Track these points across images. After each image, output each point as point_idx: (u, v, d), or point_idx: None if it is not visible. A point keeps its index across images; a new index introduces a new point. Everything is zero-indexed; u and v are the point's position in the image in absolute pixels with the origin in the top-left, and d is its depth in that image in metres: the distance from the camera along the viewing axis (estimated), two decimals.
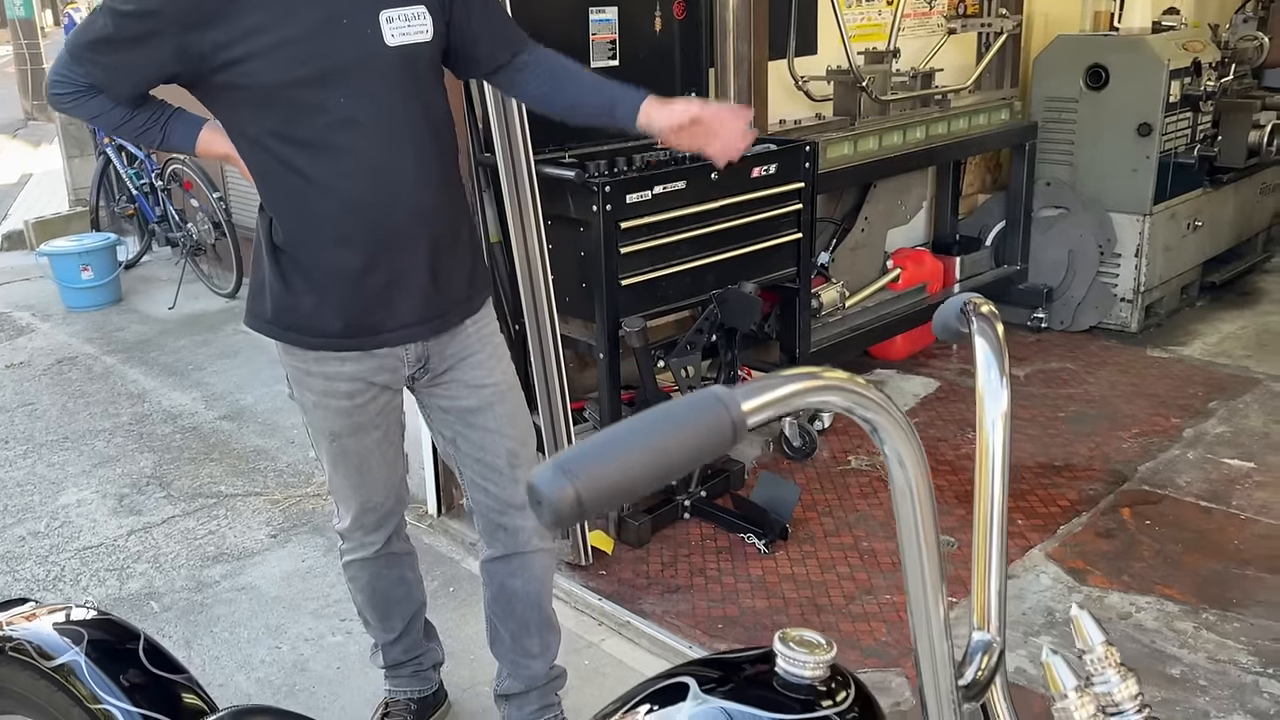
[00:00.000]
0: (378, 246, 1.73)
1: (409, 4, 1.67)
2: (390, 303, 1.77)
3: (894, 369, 4.29)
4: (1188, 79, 4.37)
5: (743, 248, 3.19)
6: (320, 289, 1.76)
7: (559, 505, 0.55)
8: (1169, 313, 4.75)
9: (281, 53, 1.60)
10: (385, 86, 1.66)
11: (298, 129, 1.65)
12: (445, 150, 1.79)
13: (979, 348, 0.91)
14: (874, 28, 4.32)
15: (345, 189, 1.68)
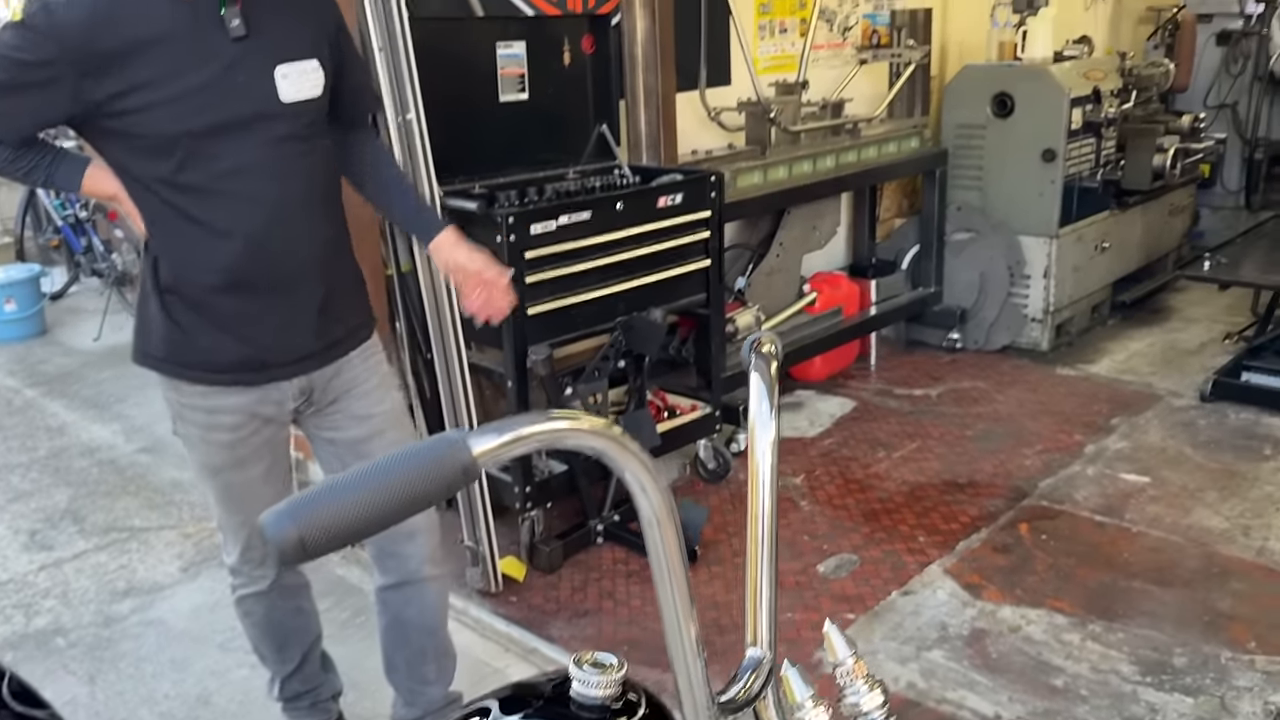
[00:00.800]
0: (269, 288, 1.79)
1: (303, 59, 1.74)
2: (281, 339, 1.83)
3: (813, 389, 4.39)
4: (1089, 106, 4.54)
5: (651, 275, 3.25)
6: (210, 328, 1.80)
7: (282, 546, 0.60)
8: (1080, 332, 4.90)
9: (178, 105, 1.65)
10: (278, 138, 1.73)
11: (191, 175, 1.70)
12: (333, 194, 1.89)
13: (753, 382, 0.99)
14: (787, 59, 4.43)
15: (238, 234, 1.74)
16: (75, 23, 1.61)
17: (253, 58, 1.68)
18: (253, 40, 1.67)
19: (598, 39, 3.51)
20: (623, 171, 3.45)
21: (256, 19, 1.68)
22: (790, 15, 4.45)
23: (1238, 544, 3.01)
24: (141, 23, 1.63)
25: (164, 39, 1.63)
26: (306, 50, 1.75)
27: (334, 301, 1.88)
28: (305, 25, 1.76)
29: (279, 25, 1.72)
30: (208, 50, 1.65)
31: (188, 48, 1.64)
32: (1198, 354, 4.60)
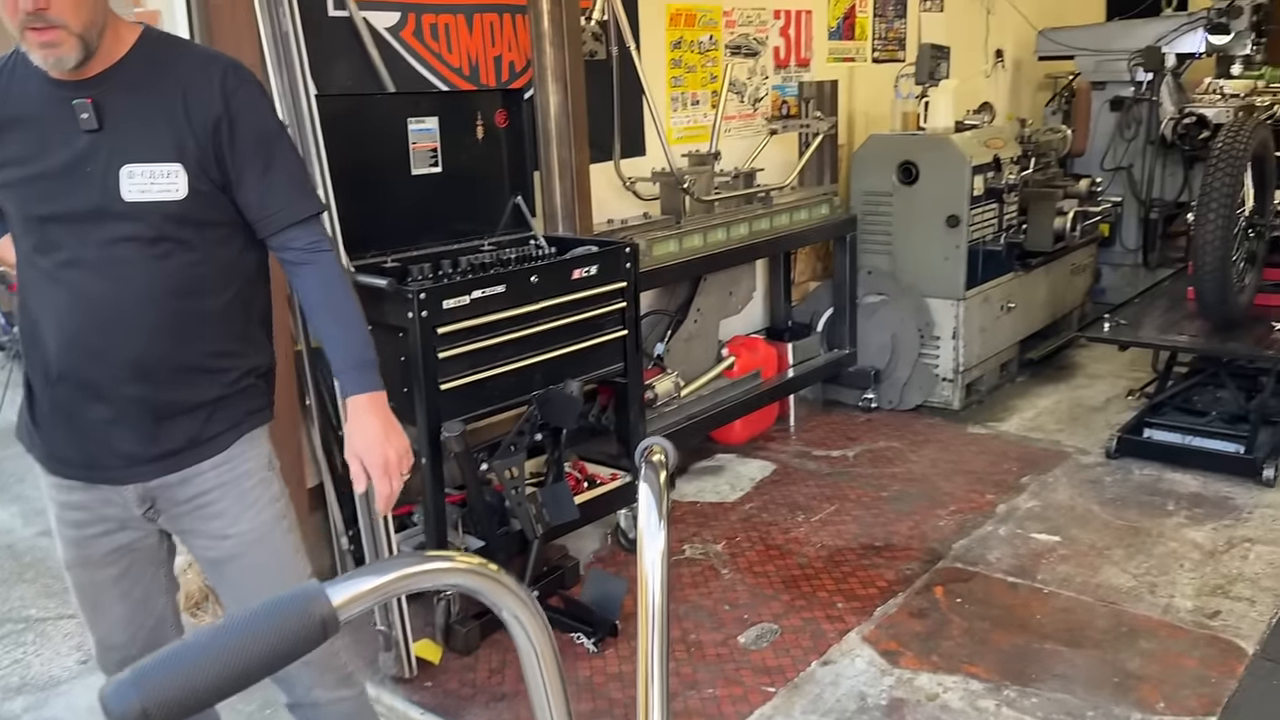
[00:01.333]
0: (90, 388, 1.73)
1: (160, 161, 1.66)
2: (108, 440, 1.76)
3: (734, 453, 4.41)
4: (990, 173, 4.71)
5: (567, 347, 3.25)
6: (48, 416, 1.78)
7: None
8: (989, 390, 5.03)
9: (30, 187, 1.67)
10: (118, 238, 1.66)
11: (39, 259, 1.70)
12: (195, 298, 1.74)
13: (642, 492, 0.98)
14: (699, 129, 4.52)
15: (62, 327, 1.70)
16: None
17: (101, 153, 1.64)
18: (105, 135, 1.64)
19: (511, 112, 3.53)
20: (538, 242, 3.45)
21: (112, 113, 1.65)
22: (702, 88, 4.55)
23: (1145, 602, 3.09)
24: (21, 100, 1.67)
25: (30, 121, 1.66)
26: (164, 153, 1.66)
27: (173, 408, 1.76)
28: (169, 126, 1.66)
29: (135, 123, 1.66)
30: (61, 139, 1.64)
31: (46, 133, 1.65)
32: (1103, 410, 4.74)
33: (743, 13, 4.72)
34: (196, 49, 1.81)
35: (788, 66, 5.04)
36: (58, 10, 1.53)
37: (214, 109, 1.68)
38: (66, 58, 1.57)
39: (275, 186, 1.75)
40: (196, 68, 1.70)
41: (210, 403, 1.81)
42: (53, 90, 1.64)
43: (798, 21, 5.06)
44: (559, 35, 3.54)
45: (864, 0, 5.51)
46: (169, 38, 1.77)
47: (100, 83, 1.65)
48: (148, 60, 1.69)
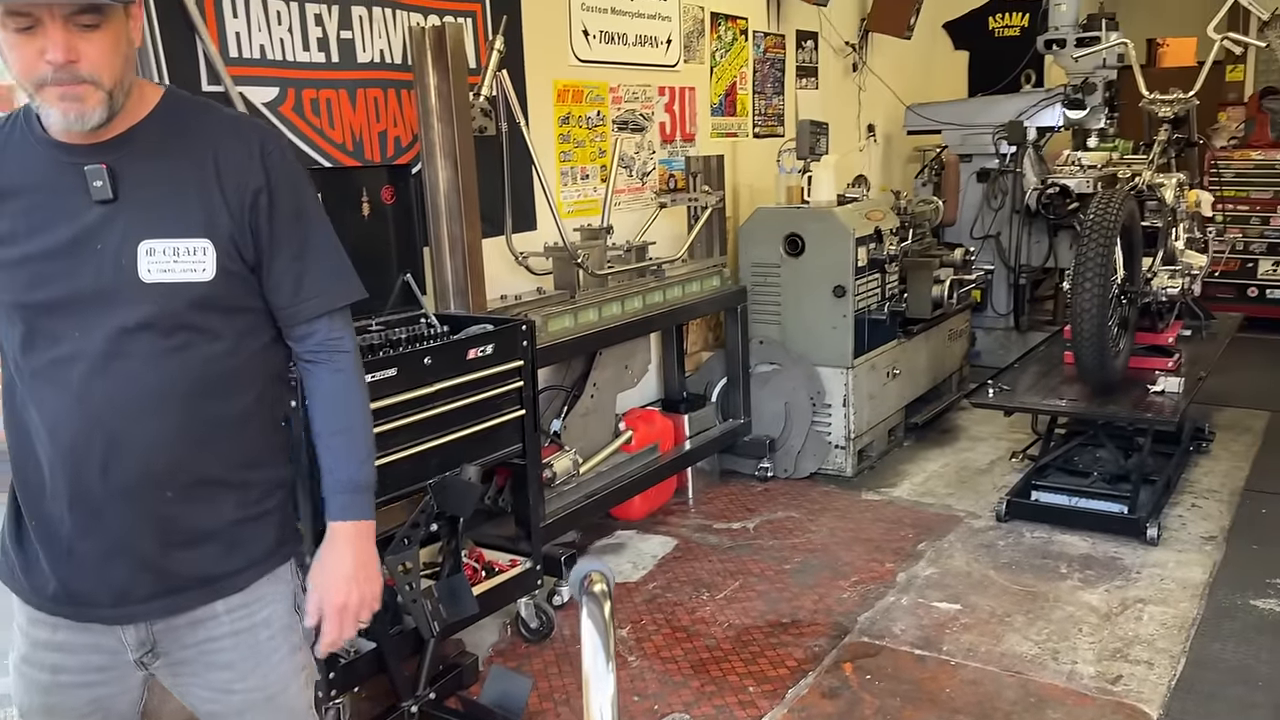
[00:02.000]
0: (88, 509, 1.48)
1: (185, 236, 1.44)
2: (106, 575, 1.51)
3: (634, 529, 4.32)
4: (872, 245, 4.82)
5: (464, 429, 3.13)
6: (35, 541, 1.53)
7: None
8: (880, 455, 5.09)
9: (21, 270, 1.44)
10: (128, 326, 1.44)
11: (30, 358, 1.47)
12: (220, 400, 1.52)
13: (585, 630, 0.89)
14: (590, 203, 4.50)
15: (59, 435, 1.46)
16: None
17: (115, 227, 1.43)
18: (121, 206, 1.43)
19: (398, 188, 3.44)
20: (430, 321, 3.34)
21: (131, 182, 1.44)
22: (591, 162, 4.55)
23: (1049, 669, 3.11)
24: (18, 169, 1.46)
25: (28, 192, 1.44)
26: (191, 227, 1.45)
27: (186, 534, 1.52)
28: (198, 197, 1.46)
29: (157, 193, 1.45)
30: (66, 212, 1.43)
31: (48, 206, 1.43)
32: (989, 473, 4.86)
33: (629, 89, 4.76)
34: (227, 112, 1.59)
35: (674, 141, 5.10)
36: (90, 65, 1.35)
37: (254, 179, 1.49)
38: (90, 115, 1.38)
39: (311, 270, 1.55)
40: (230, 133, 1.51)
41: (230, 528, 1.56)
42: (58, 156, 1.43)
43: (682, 98, 5.14)
44: (447, 111, 3.48)
45: (744, 78, 5.65)
46: (195, 99, 1.56)
47: (118, 147, 1.44)
48: (173, 122, 1.49)
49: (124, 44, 1.40)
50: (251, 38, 3.11)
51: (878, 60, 6.94)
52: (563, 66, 4.38)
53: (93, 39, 1.35)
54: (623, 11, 4.69)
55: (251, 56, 3.11)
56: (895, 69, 7.12)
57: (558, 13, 4.33)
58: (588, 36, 4.50)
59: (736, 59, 5.56)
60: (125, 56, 1.41)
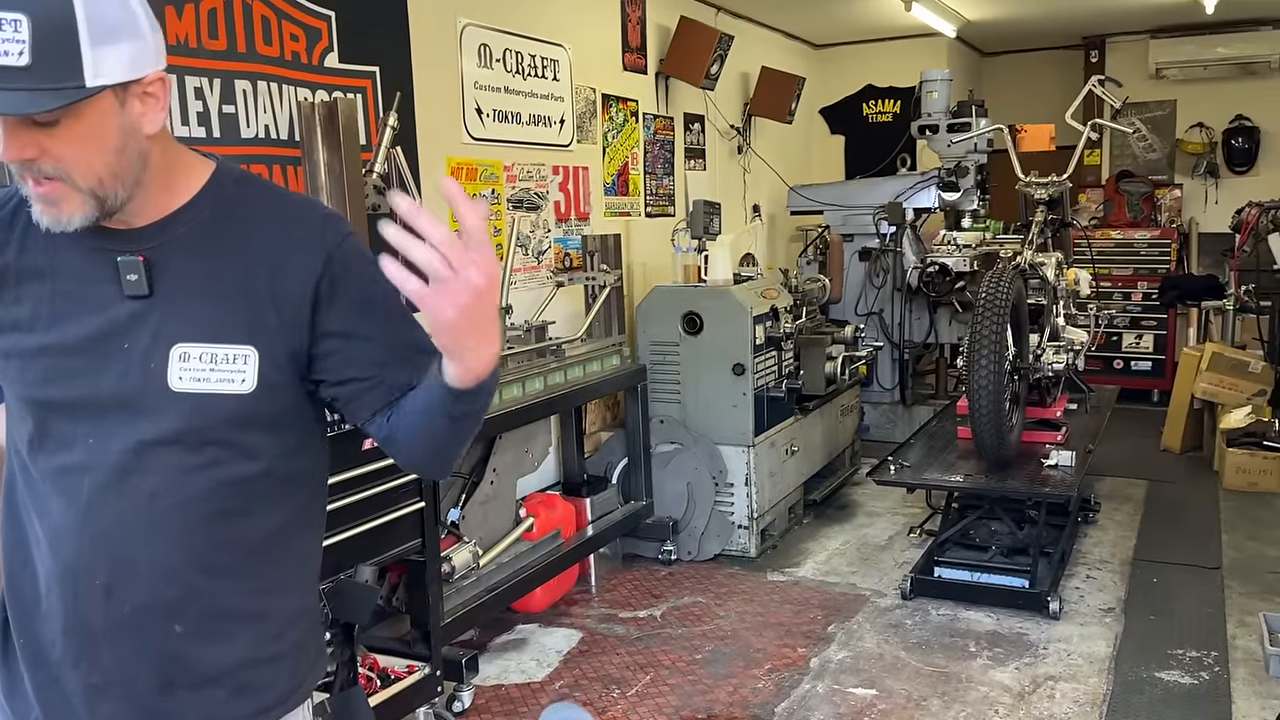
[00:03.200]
0: (84, 636, 1.27)
1: (226, 341, 1.25)
2: (93, 708, 1.29)
3: (535, 623, 4.13)
4: (769, 323, 4.84)
5: (359, 526, 2.93)
6: (20, 662, 1.32)
7: None
8: (782, 533, 5.05)
9: (37, 362, 1.24)
10: (150, 439, 1.25)
11: (37, 460, 1.27)
12: (244, 524, 1.32)
13: None
14: None
15: (61, 551, 1.26)
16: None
17: (147, 325, 1.25)
18: (155, 303, 1.24)
19: None
20: None
21: (169, 276, 1.25)
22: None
23: None
24: (43, 248, 1.25)
25: (51, 275, 1.24)
26: (233, 331, 1.26)
27: (189, 675, 1.31)
28: (245, 296, 1.27)
29: (198, 290, 1.26)
30: (93, 303, 1.24)
31: (72, 294, 1.24)
32: (889, 549, 4.86)
33: (523, 168, 4.70)
34: (284, 193, 1.38)
35: (568, 220, 5.04)
36: (54, 162, 1.13)
37: (312, 270, 1.28)
38: (69, 218, 1.17)
39: (393, 365, 1.32)
40: (287, 218, 1.31)
41: (240, 669, 1.34)
42: (90, 239, 1.23)
43: (576, 177, 5.10)
44: (339, 188, 3.32)
45: (635, 158, 5.67)
46: (249, 177, 1.35)
47: (157, 234, 1.25)
48: (222, 207, 1.29)
49: (111, 136, 1.17)
50: None
51: (761, 142, 7.10)
52: (456, 144, 4.29)
53: (56, 135, 1.14)
54: (516, 91, 4.65)
55: None
56: (777, 151, 7.30)
57: (451, 91, 4.25)
58: (481, 115, 4.43)
59: (628, 140, 5.58)
60: (113, 149, 1.18)
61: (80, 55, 1.11)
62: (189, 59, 3.11)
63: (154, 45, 1.20)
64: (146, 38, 1.19)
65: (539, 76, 4.80)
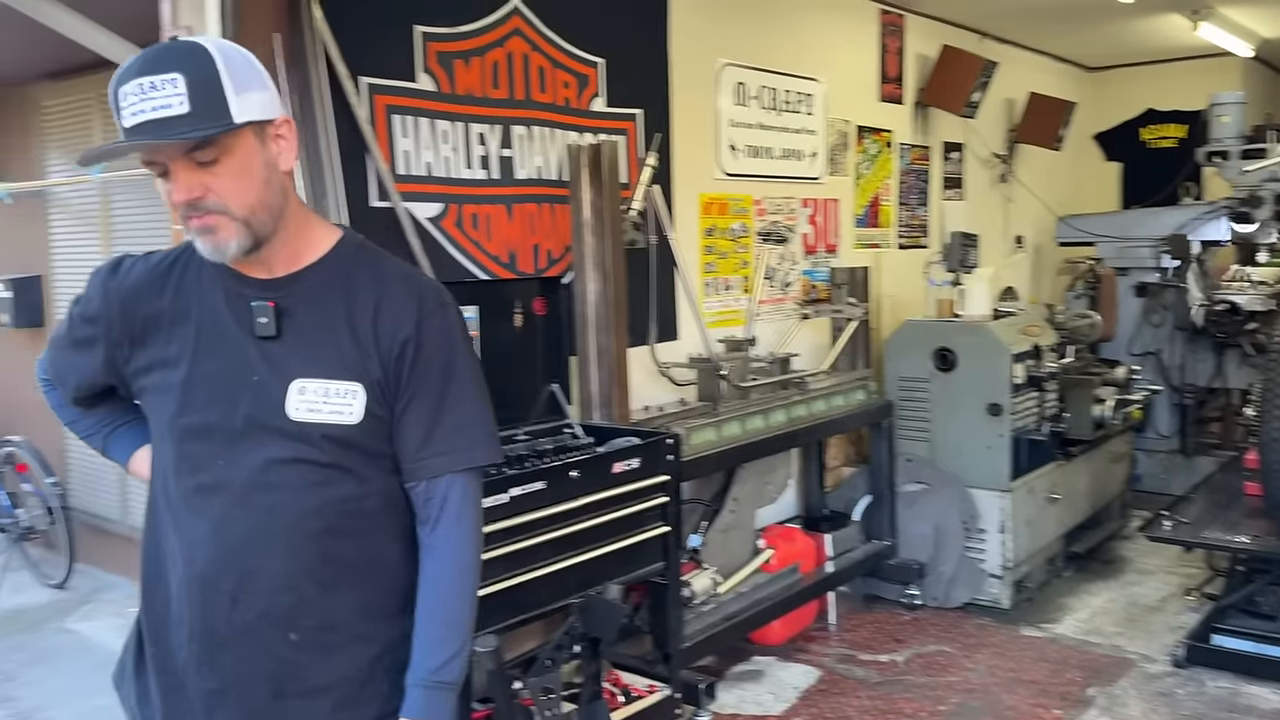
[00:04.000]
0: (208, 641, 1.47)
1: (337, 378, 1.45)
2: (212, 713, 1.49)
3: (773, 655, 4.12)
4: (1030, 361, 4.61)
5: (607, 546, 3.06)
6: (150, 669, 1.54)
7: None
8: (1039, 586, 4.76)
9: (180, 392, 1.47)
10: (272, 460, 1.45)
11: (177, 482, 1.49)
12: (354, 545, 1.49)
13: None
14: (732, 313, 4.46)
15: (192, 563, 1.47)
16: (131, 285, 1.51)
17: (273, 361, 1.45)
18: (280, 343, 1.45)
19: (549, 300, 3.47)
20: (574, 431, 3.32)
21: (294, 321, 1.46)
22: (734, 273, 4.52)
23: None
24: (191, 295, 1.49)
25: (192, 318, 1.48)
26: (345, 370, 1.45)
27: (300, 682, 1.49)
28: (354, 343, 1.46)
29: (316, 334, 1.46)
30: (229, 342, 1.46)
31: (213, 334, 1.46)
32: (1160, 611, 4.47)
33: (772, 201, 4.75)
34: (397, 264, 1.57)
35: (816, 252, 5.04)
36: (216, 197, 1.37)
37: (405, 329, 1.47)
38: (226, 246, 1.39)
39: (443, 425, 1.50)
40: (394, 282, 1.50)
41: (344, 683, 1.50)
42: (231, 286, 1.47)
43: (825, 209, 5.10)
44: (600, 224, 3.52)
45: (888, 189, 5.58)
46: (368, 247, 1.57)
47: (286, 285, 1.47)
48: (342, 268, 1.50)
49: (256, 169, 1.40)
50: (419, 156, 3.22)
51: (1025, 171, 6.79)
52: (708, 180, 4.40)
53: (216, 172, 1.36)
54: (769, 127, 4.71)
55: (418, 174, 3.22)
56: (1044, 180, 6.95)
57: (706, 129, 4.37)
58: (734, 151, 4.53)
59: (881, 171, 5.51)
60: (261, 181, 1.40)
61: (226, 100, 1.34)
62: (474, 107, 3.39)
63: (276, 97, 1.44)
64: (269, 89, 1.42)
65: (792, 111, 4.85)
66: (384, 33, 3.14)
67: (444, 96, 3.29)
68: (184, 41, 1.37)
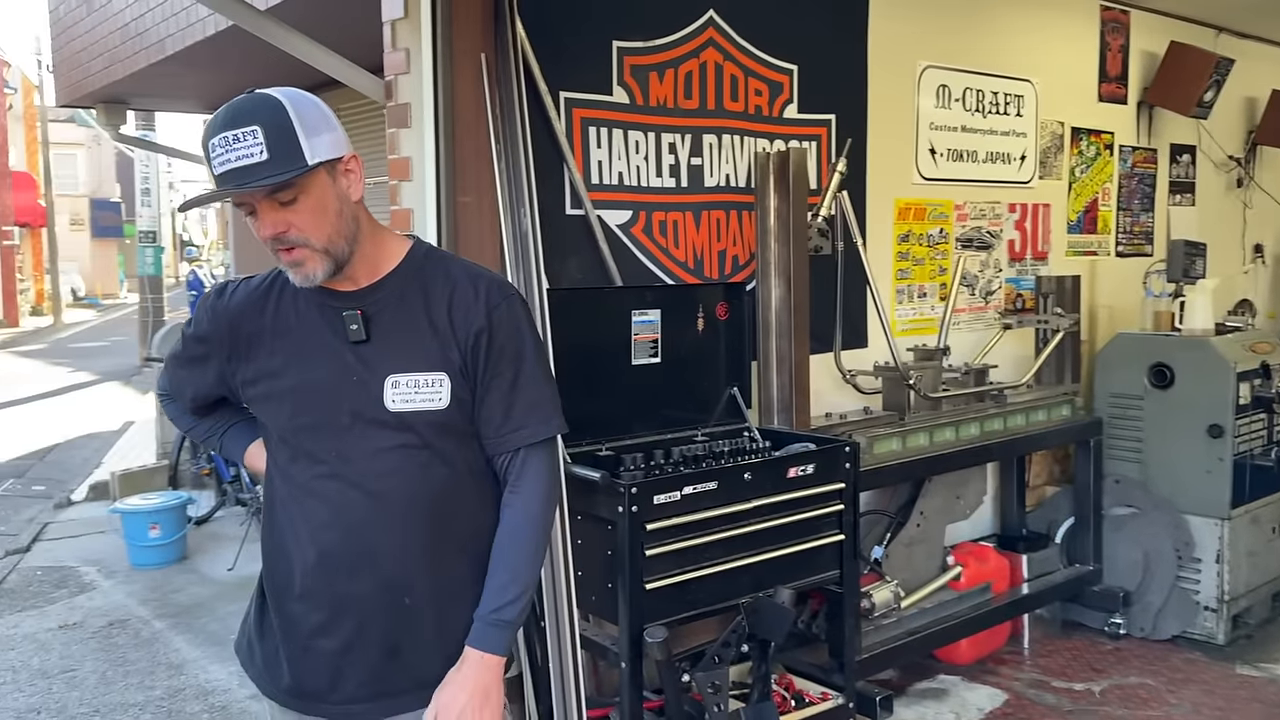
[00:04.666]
0: (332, 608, 1.66)
1: (425, 370, 1.64)
2: (336, 672, 1.68)
3: (959, 675, 4.00)
4: (1258, 380, 4.25)
5: (779, 549, 3.07)
6: (275, 638, 1.72)
7: None
8: (1260, 623, 4.38)
9: (290, 398, 1.67)
10: (378, 448, 1.64)
11: (296, 471, 1.69)
12: (452, 518, 1.69)
13: None
14: (926, 322, 4.36)
15: (316, 541, 1.66)
16: (235, 306, 1.72)
17: (367, 362, 1.64)
18: (372, 345, 1.65)
19: (732, 304, 3.52)
20: (752, 435, 3.35)
21: (380, 325, 1.65)
22: (929, 280, 4.42)
23: None
24: (289, 313, 1.69)
25: (292, 332, 1.68)
26: (430, 362, 1.65)
27: (412, 642, 1.68)
28: (434, 337, 1.65)
29: (401, 334, 1.65)
30: (328, 350, 1.65)
31: (312, 344, 1.66)
32: None
33: (975, 206, 4.60)
34: (463, 264, 1.77)
35: (1023, 259, 4.84)
36: (298, 232, 1.56)
37: (477, 322, 1.66)
38: (313, 274, 1.59)
39: (517, 405, 1.70)
40: (464, 281, 1.69)
41: (454, 640, 1.69)
42: (324, 300, 1.66)
43: (1034, 214, 4.89)
44: (785, 231, 3.55)
45: (1106, 194, 5.28)
46: (436, 252, 1.78)
47: (370, 294, 1.66)
48: (416, 274, 1.69)
49: (331, 203, 1.58)
50: (611, 166, 3.36)
51: (1268, 175, 6.23)
52: (905, 185, 4.33)
53: (297, 209, 1.55)
54: (974, 129, 4.58)
55: (610, 183, 3.36)
56: None
57: (904, 133, 4.30)
58: (934, 155, 4.43)
59: (1099, 175, 5.22)
60: (336, 213, 1.59)
61: (300, 145, 1.53)
62: (665, 118, 3.50)
63: (343, 135, 1.62)
64: (337, 129, 1.60)
65: (1000, 113, 4.68)
66: (582, 49, 3.30)
67: (637, 108, 3.42)
68: (259, 94, 1.56)
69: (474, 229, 2.92)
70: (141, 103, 8.81)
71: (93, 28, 7.41)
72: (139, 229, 12.38)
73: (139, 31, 6.53)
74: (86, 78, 7.68)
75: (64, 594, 5.23)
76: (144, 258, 12.38)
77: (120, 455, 8.40)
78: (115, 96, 7.97)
